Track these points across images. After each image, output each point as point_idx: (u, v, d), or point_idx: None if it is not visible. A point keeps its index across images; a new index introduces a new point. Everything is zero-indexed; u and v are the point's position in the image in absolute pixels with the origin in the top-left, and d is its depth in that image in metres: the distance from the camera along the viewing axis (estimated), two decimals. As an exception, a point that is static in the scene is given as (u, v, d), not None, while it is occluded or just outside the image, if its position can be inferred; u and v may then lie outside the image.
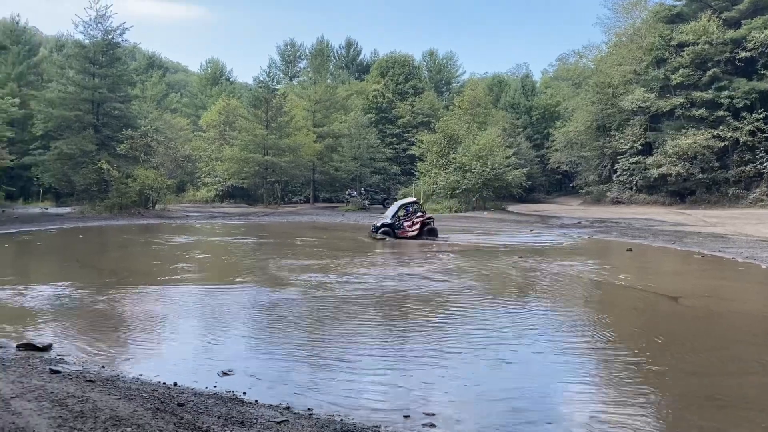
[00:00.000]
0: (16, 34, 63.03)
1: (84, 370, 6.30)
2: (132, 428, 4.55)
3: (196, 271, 15.15)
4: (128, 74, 47.28)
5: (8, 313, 9.82)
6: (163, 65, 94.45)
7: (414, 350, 7.90)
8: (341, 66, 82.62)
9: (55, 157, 42.39)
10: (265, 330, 9.12)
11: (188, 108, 74.94)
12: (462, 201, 42.94)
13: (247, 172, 50.82)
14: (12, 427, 4.42)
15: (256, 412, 5.32)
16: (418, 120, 60.96)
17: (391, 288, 12.37)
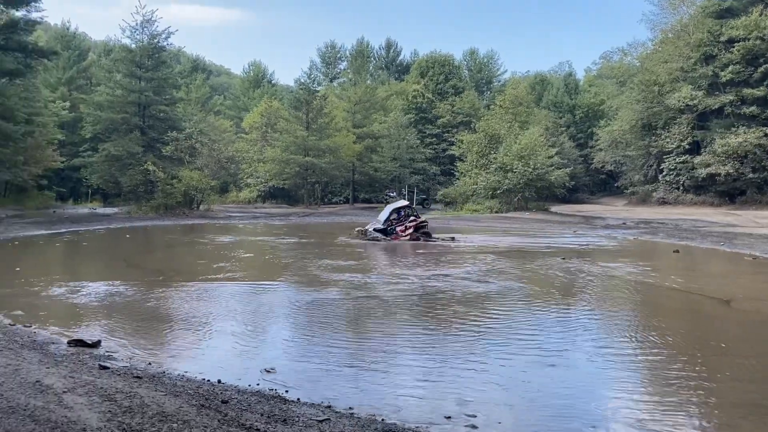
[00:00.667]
0: (67, 40, 65.14)
1: (131, 367, 6.44)
2: (178, 424, 4.64)
3: (239, 271, 15.37)
4: (173, 77, 48.32)
5: (59, 310, 10.14)
6: (206, 68, 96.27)
7: (455, 352, 7.84)
8: (381, 67, 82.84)
9: (103, 158, 43.60)
10: (306, 329, 9.19)
11: (231, 110, 76.17)
12: (503, 201, 42.53)
13: (288, 173, 51.38)
14: (64, 420, 4.55)
15: (298, 411, 5.36)
16: (458, 120, 60.68)
17: (432, 289, 12.32)
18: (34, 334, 7.78)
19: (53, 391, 5.26)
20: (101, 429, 4.43)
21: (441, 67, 67.55)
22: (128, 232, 27.48)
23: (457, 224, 34.13)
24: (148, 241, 24.89)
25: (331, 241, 23.25)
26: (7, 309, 9.46)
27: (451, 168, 53.83)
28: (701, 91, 41.67)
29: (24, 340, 7.26)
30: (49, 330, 8.22)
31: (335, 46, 79.22)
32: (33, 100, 43.04)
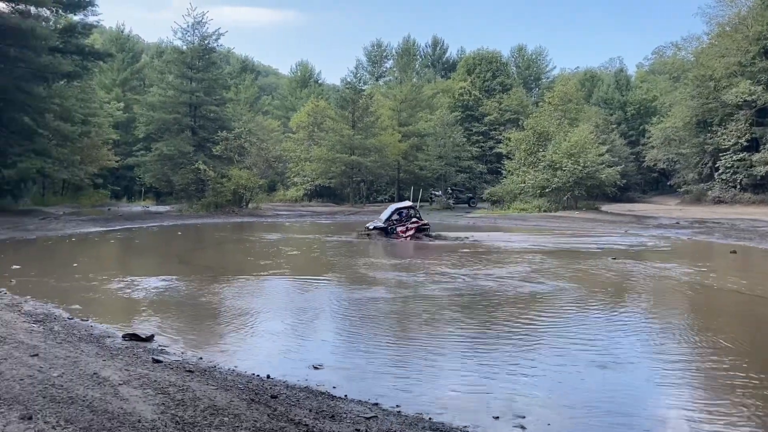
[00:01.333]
0: (121, 42, 67.16)
1: (183, 361, 6.57)
2: (229, 418, 4.71)
3: (287, 268, 15.55)
4: (223, 78, 49.24)
5: (115, 305, 10.45)
6: (255, 69, 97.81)
7: (503, 352, 7.74)
8: (427, 65, 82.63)
9: (156, 158, 44.77)
10: (353, 327, 9.21)
11: (279, 110, 77.19)
12: (552, 200, 41.81)
13: (334, 172, 51.74)
14: (120, 411, 4.67)
15: (345, 407, 5.37)
16: (505, 117, 60.01)
17: (480, 288, 12.20)
18: (91, 327, 8.03)
19: (110, 383, 5.41)
20: (155, 421, 4.52)
21: (488, 64, 66.89)
22: (180, 229, 28.15)
23: (504, 223, 33.77)
24: (199, 238, 25.44)
25: (377, 239, 23.28)
26: (65, 303, 9.79)
27: (498, 166, 53.23)
28: (761, 86, 40.06)
29: (81, 334, 7.50)
30: (104, 324, 8.46)
31: (381, 44, 79.40)
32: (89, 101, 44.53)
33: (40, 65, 32.90)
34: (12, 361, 5.99)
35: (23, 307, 8.95)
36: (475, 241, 22.26)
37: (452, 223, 33.69)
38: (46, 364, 5.96)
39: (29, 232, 23.53)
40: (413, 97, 57.93)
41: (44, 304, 9.50)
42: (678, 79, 52.00)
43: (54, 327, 7.76)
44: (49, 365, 5.92)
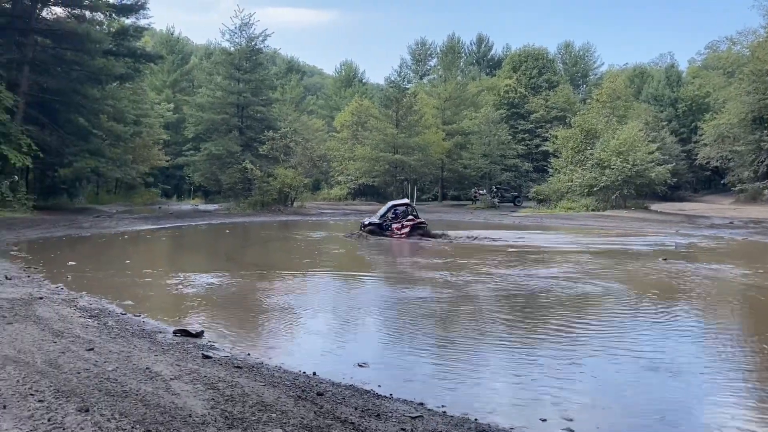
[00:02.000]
0: (171, 45, 68.85)
1: (232, 357, 6.68)
2: (277, 414, 4.77)
3: (332, 266, 15.66)
4: (269, 79, 49.97)
5: (165, 301, 10.72)
6: (300, 69, 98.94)
7: (550, 353, 7.61)
8: (472, 62, 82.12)
9: (205, 157, 45.73)
10: (398, 325, 9.21)
11: (323, 110, 77.88)
12: (600, 199, 40.97)
13: (377, 171, 51.90)
14: (172, 406, 4.79)
15: (391, 406, 5.37)
16: (552, 115, 59.12)
17: (526, 288, 12.05)
18: (143, 323, 8.24)
19: (161, 378, 5.55)
20: (205, 416, 4.62)
21: (534, 61, 66.03)
22: (228, 227, 28.67)
23: (550, 222, 33.27)
24: (246, 236, 25.85)
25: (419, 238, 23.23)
26: (119, 299, 10.09)
27: (545, 164, 52.45)
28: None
29: (134, 329, 7.70)
30: (156, 319, 8.68)
31: (426, 43, 79.26)
32: (141, 103, 45.83)
33: (95, 68, 33.99)
34: (69, 355, 6.20)
35: (79, 303, 9.26)
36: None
37: (497, 222, 33.37)
38: (101, 358, 6.16)
39: (84, 230, 24.33)
40: (457, 95, 57.62)
41: (98, 299, 9.81)
42: (732, 74, 50.21)
43: (108, 322, 8.01)
44: (103, 359, 6.11)
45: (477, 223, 32.43)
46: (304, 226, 30.06)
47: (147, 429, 4.29)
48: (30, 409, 4.61)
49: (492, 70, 79.20)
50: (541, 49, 68.28)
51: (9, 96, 29.20)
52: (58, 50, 34.46)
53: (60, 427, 4.27)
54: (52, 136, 33.36)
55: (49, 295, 9.76)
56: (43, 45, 34.10)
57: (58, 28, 33.42)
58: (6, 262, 13.94)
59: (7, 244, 18.42)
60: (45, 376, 5.43)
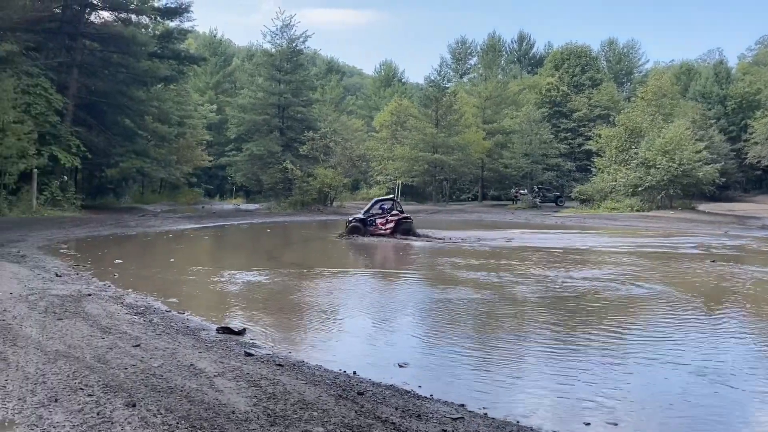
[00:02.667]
0: (214, 47, 70.03)
1: (273, 355, 6.74)
2: (318, 412, 4.78)
3: (371, 266, 15.69)
4: (310, 79, 50.41)
5: (208, 298, 10.89)
6: (340, 69, 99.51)
7: (594, 357, 7.45)
8: (513, 60, 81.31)
9: (246, 158, 46.41)
10: (437, 326, 9.16)
11: (363, 110, 78.14)
12: (645, 199, 40.07)
13: (416, 171, 51.81)
14: (216, 402, 4.85)
15: (431, 407, 5.33)
16: (595, 113, 58.07)
17: (569, 290, 11.85)
18: (187, 320, 8.38)
19: (205, 375, 5.64)
20: (248, 413, 4.67)
21: (577, 59, 64.95)
22: (268, 227, 29.01)
23: (593, 222, 32.69)
24: (287, 235, 26.12)
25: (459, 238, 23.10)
26: (163, 296, 10.29)
27: (588, 164, 51.57)
28: None
29: (178, 326, 7.85)
30: (199, 317, 8.83)
31: (466, 41, 78.80)
32: (185, 104, 46.76)
33: (140, 70, 34.82)
34: (117, 351, 6.35)
35: (125, 300, 9.48)
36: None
37: (539, 222, 32.96)
38: (147, 354, 6.28)
39: (130, 228, 24.95)
40: (498, 94, 57.11)
41: (144, 296, 10.02)
42: (786, 70, 48.57)
43: (153, 319, 8.18)
44: (149, 355, 6.24)
45: (517, 224, 32.09)
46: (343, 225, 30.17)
47: (192, 425, 4.35)
48: (80, 402, 4.73)
49: (533, 69, 78.24)
50: (584, 47, 67.13)
51: (59, 98, 30.16)
52: (105, 53, 35.44)
53: (108, 421, 4.37)
54: (99, 137, 34.32)
55: (97, 292, 10.03)
56: (90, 48, 35.12)
57: (105, 32, 34.37)
58: (56, 260, 14.39)
59: (57, 242, 19.01)
60: (94, 371, 5.57)
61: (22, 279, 10.96)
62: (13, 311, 8.12)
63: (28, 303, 8.73)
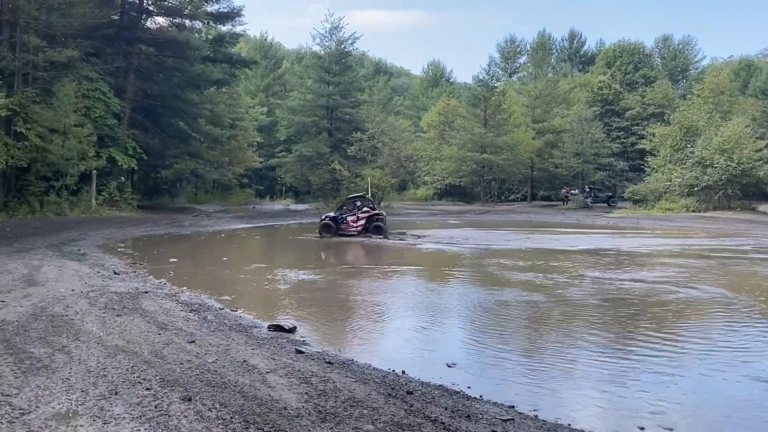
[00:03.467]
0: (264, 50, 71.18)
1: (323, 353, 6.82)
2: (367, 410, 4.83)
3: (420, 266, 15.68)
4: (358, 81, 50.73)
5: (260, 296, 11.10)
6: (388, 70, 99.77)
7: (648, 361, 7.25)
8: (563, 59, 79.99)
9: (296, 159, 47.04)
10: (486, 327, 9.09)
11: (410, 110, 78.15)
12: (701, 199, 38.76)
13: (464, 171, 51.49)
14: (268, 398, 4.95)
15: (481, 408, 5.31)
16: (648, 111, 56.52)
17: (623, 292, 11.58)
18: (240, 317, 8.57)
19: (258, 371, 5.75)
20: (299, 409, 4.74)
21: (630, 56, 63.34)
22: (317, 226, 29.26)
23: (647, 223, 31.85)
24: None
25: (507, 239, 22.86)
26: (216, 294, 10.55)
27: (641, 163, 50.19)
28: None
29: (231, 323, 8.02)
30: (251, 314, 9.01)
31: (515, 40, 77.93)
32: (236, 107, 47.74)
33: (194, 74, 35.74)
34: (173, 347, 6.54)
35: (180, 297, 9.75)
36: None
37: (590, 223, 32.30)
38: (202, 350, 6.45)
39: (184, 228, 25.62)
40: (548, 93, 56.24)
41: (198, 294, 10.29)
42: None
43: (207, 316, 8.39)
44: (204, 351, 6.40)
45: (568, 224, 31.53)
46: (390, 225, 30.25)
47: (245, 419, 4.46)
48: (139, 396, 4.90)
49: (585, 67, 76.77)
50: (637, 44, 65.43)
51: (117, 102, 31.22)
52: (160, 58, 36.51)
53: (165, 414, 4.51)
54: (155, 140, 35.37)
55: (153, 289, 10.34)
56: (146, 53, 36.24)
57: (160, 37, 35.42)
58: (114, 258, 14.91)
59: (115, 241, 19.68)
60: (151, 366, 5.76)
61: (83, 276, 11.40)
62: (75, 307, 8.47)
63: (88, 299, 9.08)
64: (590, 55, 79.90)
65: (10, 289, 9.74)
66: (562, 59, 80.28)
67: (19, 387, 5.06)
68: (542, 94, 56.03)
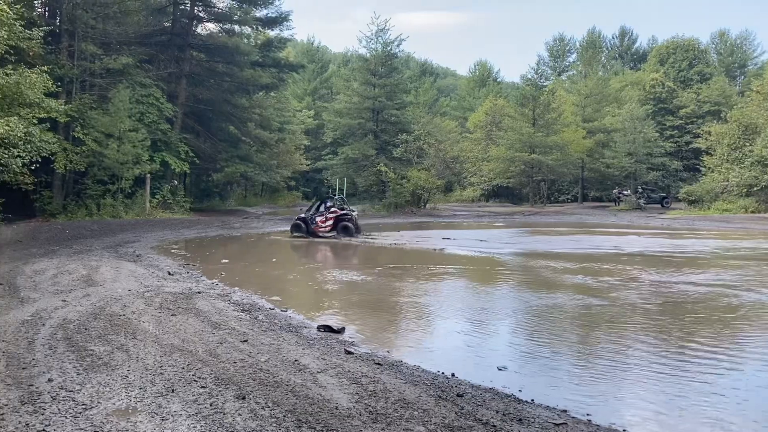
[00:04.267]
0: (311, 54, 71.97)
1: (372, 353, 6.85)
2: (418, 412, 4.82)
3: (468, 268, 15.57)
4: (404, 83, 50.71)
5: (308, 297, 11.22)
6: (433, 71, 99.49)
7: (705, 367, 7.01)
8: (614, 56, 78.27)
9: (342, 161, 47.35)
10: (536, 330, 8.95)
11: (456, 111, 77.75)
12: (761, 200, 37.30)
13: (512, 171, 50.90)
14: (319, 398, 4.99)
15: (533, 411, 5.24)
16: (704, 109, 54.76)
17: (681, 294, 11.24)
18: (289, 318, 8.68)
19: (309, 371, 5.81)
20: (350, 409, 4.77)
21: (684, 53, 61.53)
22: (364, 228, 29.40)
23: (703, 225, 30.85)
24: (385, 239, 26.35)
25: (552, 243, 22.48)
26: (267, 294, 10.71)
27: (696, 163, 48.69)
28: None
29: (282, 323, 8.13)
30: (300, 314, 9.11)
31: (564, 38, 76.79)
32: (284, 110, 48.40)
33: (243, 78, 36.40)
34: (226, 346, 6.67)
35: (232, 297, 9.94)
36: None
37: (643, 224, 31.49)
38: (254, 349, 6.56)
39: (235, 230, 26.09)
40: (599, 92, 55.12)
41: (249, 294, 10.47)
42: None
43: (258, 316, 8.52)
44: (256, 351, 6.51)
45: (620, 225, 30.80)
46: (436, 227, 30.17)
47: (298, 418, 4.51)
48: (194, 393, 5.02)
49: (636, 64, 74.98)
50: (691, 40, 63.49)
51: (169, 107, 32.05)
52: (210, 63, 37.34)
53: (221, 412, 4.60)
54: (206, 144, 36.19)
55: (206, 290, 10.57)
56: (197, 59, 37.10)
57: (211, 43, 36.22)
58: (168, 259, 15.30)
59: (169, 242, 20.20)
60: (206, 364, 5.89)
61: (139, 277, 11.74)
62: (132, 306, 8.73)
63: (144, 299, 9.34)
64: (642, 52, 77.98)
65: (71, 289, 10.10)
66: (613, 57, 78.56)
67: (81, 383, 5.25)
68: (593, 92, 54.95)
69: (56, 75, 23.69)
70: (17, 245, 16.81)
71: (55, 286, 10.28)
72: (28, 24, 21.07)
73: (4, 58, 19.19)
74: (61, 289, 9.99)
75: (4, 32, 17.51)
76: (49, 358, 6.02)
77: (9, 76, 17.83)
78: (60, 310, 8.29)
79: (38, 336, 6.86)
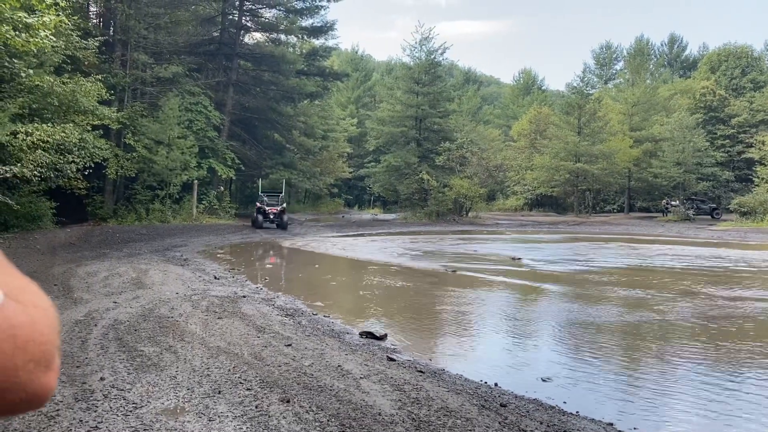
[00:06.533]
0: (355, 62, 72.60)
1: (414, 361, 6.84)
2: (461, 421, 4.80)
3: (510, 277, 15.41)
4: (447, 91, 50.62)
5: (350, 303, 11.29)
6: (477, 79, 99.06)
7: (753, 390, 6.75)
8: (663, 64, 76.53)
9: (384, 169, 47.51)
10: (581, 340, 8.80)
11: (500, 119, 77.21)
12: (818, 212, 35.93)
13: (557, 180, 50.22)
14: (362, 403, 5.02)
15: (578, 424, 5.16)
16: (757, 118, 53.04)
17: (732, 309, 10.90)
18: (332, 323, 8.74)
19: (352, 376, 5.85)
20: (393, 416, 4.78)
21: (736, 60, 59.78)
22: (406, 236, 29.46)
23: (757, 237, 29.83)
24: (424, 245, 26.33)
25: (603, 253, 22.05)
26: (310, 300, 10.82)
27: (748, 173, 47.13)
28: None
29: (325, 329, 8.20)
30: (343, 320, 9.17)
31: (611, 46, 75.55)
32: (328, 118, 48.90)
33: (289, 87, 36.97)
34: (271, 349, 6.77)
35: (276, 302, 10.07)
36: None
37: (692, 236, 30.66)
38: (298, 354, 6.64)
39: (278, 236, 26.43)
40: (646, 100, 53.95)
41: (293, 299, 10.59)
42: None
43: (301, 321, 8.61)
44: (300, 355, 6.59)
45: (665, 237, 30.04)
46: (479, 235, 29.97)
47: (341, 423, 4.54)
48: (240, 395, 5.11)
49: (686, 72, 73.18)
50: (744, 47, 61.64)
51: (217, 115, 32.76)
52: (257, 72, 38.04)
53: (266, 415, 4.67)
54: (251, 151, 36.83)
55: (250, 294, 10.75)
56: (244, 68, 37.84)
57: (257, 52, 36.93)
58: (214, 264, 15.60)
59: (215, 247, 20.61)
60: (251, 367, 5.98)
61: (186, 281, 12.01)
62: (179, 309, 8.93)
63: (191, 302, 9.55)
64: (692, 60, 76.12)
65: (121, 291, 10.41)
66: (662, 65, 76.84)
67: (131, 383, 5.40)
68: (640, 101, 53.86)
69: (109, 83, 24.48)
70: (70, 248, 17.41)
71: (106, 288, 10.60)
72: (84, 34, 21.86)
73: (61, 67, 19.97)
74: (112, 291, 10.30)
75: (62, 42, 18.21)
76: (101, 357, 6.21)
77: (66, 85, 18.52)
78: (111, 311, 8.55)
79: (91, 336, 7.09)
